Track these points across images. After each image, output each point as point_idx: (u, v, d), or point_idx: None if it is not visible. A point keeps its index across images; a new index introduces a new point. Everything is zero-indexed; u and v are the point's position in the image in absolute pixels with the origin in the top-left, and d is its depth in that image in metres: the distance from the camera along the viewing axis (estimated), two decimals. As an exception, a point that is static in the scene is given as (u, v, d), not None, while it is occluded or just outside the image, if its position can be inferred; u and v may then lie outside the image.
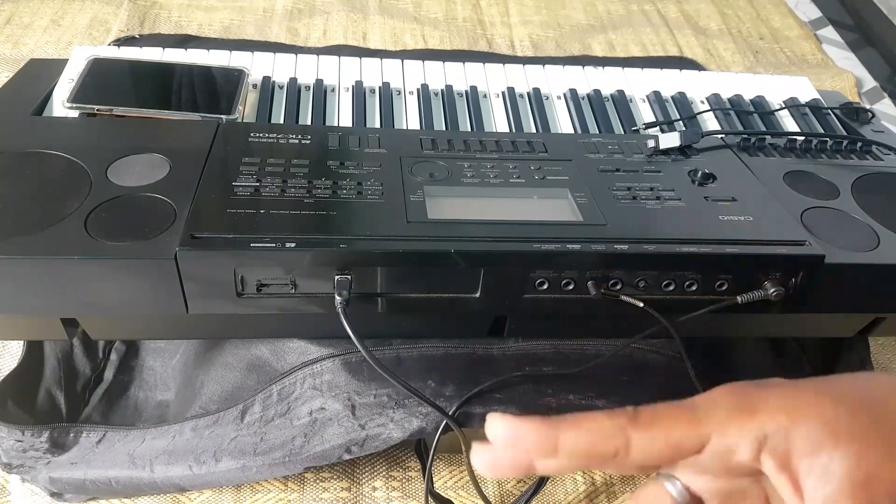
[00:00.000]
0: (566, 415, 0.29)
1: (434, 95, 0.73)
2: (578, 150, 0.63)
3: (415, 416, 0.53)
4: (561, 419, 0.29)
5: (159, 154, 0.56)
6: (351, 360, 0.56)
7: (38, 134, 0.59)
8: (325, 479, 0.63)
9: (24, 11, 1.18)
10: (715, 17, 1.38)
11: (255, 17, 1.24)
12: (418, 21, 1.27)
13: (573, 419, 0.29)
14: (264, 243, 0.48)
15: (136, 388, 0.68)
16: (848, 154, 0.69)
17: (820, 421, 0.27)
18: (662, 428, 0.29)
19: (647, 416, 0.29)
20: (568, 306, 0.53)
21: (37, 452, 0.58)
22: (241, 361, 0.62)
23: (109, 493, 0.59)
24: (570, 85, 0.76)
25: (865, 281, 0.55)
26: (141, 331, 0.60)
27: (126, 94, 0.65)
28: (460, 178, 0.57)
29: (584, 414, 0.29)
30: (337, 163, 0.57)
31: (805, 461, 0.27)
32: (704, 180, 0.59)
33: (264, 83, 0.71)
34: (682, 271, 0.52)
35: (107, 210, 0.50)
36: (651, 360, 0.60)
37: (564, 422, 0.29)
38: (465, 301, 0.52)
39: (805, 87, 0.81)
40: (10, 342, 0.70)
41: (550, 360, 0.58)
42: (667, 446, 0.28)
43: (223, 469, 0.55)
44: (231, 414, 0.59)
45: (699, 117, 0.74)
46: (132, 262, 0.47)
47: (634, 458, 0.29)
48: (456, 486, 0.64)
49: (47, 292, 0.48)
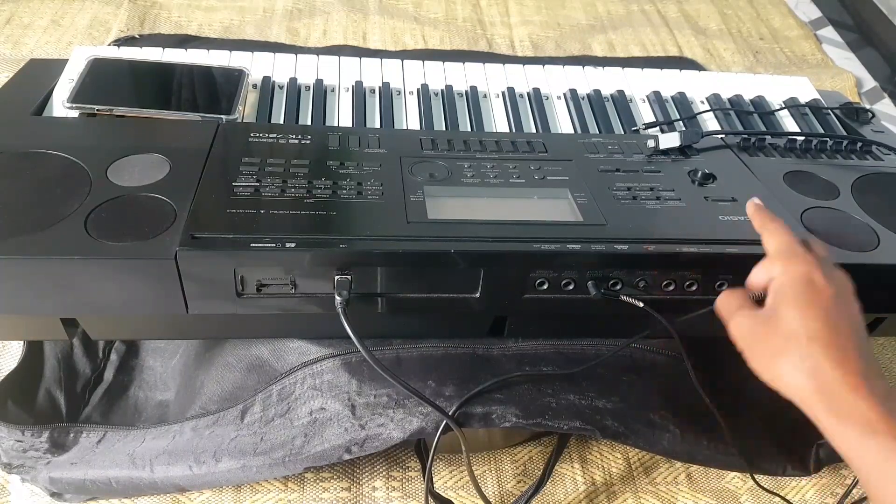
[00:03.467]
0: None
1: (434, 95, 0.73)
2: (578, 150, 0.63)
3: (415, 416, 0.53)
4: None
5: (159, 154, 0.56)
6: (351, 360, 0.56)
7: (38, 134, 0.59)
8: (325, 479, 0.63)
9: (24, 11, 1.18)
10: (715, 17, 1.38)
11: (255, 17, 1.24)
12: (418, 21, 1.27)
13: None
14: (264, 243, 0.48)
15: (136, 388, 0.68)
16: (848, 154, 0.69)
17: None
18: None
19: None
20: (568, 306, 0.53)
21: (37, 452, 0.58)
22: (241, 361, 0.62)
23: (109, 493, 0.59)
24: (570, 85, 0.76)
25: (865, 281, 0.55)
26: (141, 331, 0.60)
27: (126, 94, 0.65)
28: (460, 178, 0.57)
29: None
30: (337, 163, 0.57)
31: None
32: (704, 180, 0.59)
33: (264, 83, 0.71)
34: (682, 271, 0.52)
35: (107, 210, 0.50)
36: (651, 360, 0.60)
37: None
38: (465, 301, 0.52)
39: (805, 87, 0.81)
40: (10, 342, 0.70)
41: (550, 360, 0.58)
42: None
43: (223, 469, 0.55)
44: (231, 414, 0.59)
45: (699, 117, 0.74)
46: (132, 262, 0.47)
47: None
48: (456, 486, 0.64)
49: (47, 292, 0.48)
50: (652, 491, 0.65)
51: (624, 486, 0.65)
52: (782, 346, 0.41)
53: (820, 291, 0.42)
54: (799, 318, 0.41)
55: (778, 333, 0.41)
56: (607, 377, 0.58)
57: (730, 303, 0.46)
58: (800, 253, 0.44)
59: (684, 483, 0.66)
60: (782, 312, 0.42)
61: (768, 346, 0.42)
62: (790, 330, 0.41)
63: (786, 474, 0.62)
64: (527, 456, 0.66)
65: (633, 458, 0.67)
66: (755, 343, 0.43)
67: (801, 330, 0.40)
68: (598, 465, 0.66)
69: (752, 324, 0.43)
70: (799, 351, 0.40)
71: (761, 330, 0.42)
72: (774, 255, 0.45)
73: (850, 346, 0.40)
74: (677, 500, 0.64)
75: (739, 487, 0.66)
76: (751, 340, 0.43)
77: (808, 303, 0.41)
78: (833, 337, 0.40)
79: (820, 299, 0.41)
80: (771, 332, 0.42)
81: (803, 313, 0.41)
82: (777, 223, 0.47)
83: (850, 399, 0.38)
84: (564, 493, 0.64)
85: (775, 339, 0.41)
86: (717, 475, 0.66)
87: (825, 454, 0.62)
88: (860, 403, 0.38)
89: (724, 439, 0.58)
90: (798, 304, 0.41)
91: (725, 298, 0.46)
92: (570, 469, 0.66)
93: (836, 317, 0.41)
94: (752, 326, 0.43)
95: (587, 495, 0.64)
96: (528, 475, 0.65)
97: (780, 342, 0.41)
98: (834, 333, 0.40)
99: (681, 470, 0.66)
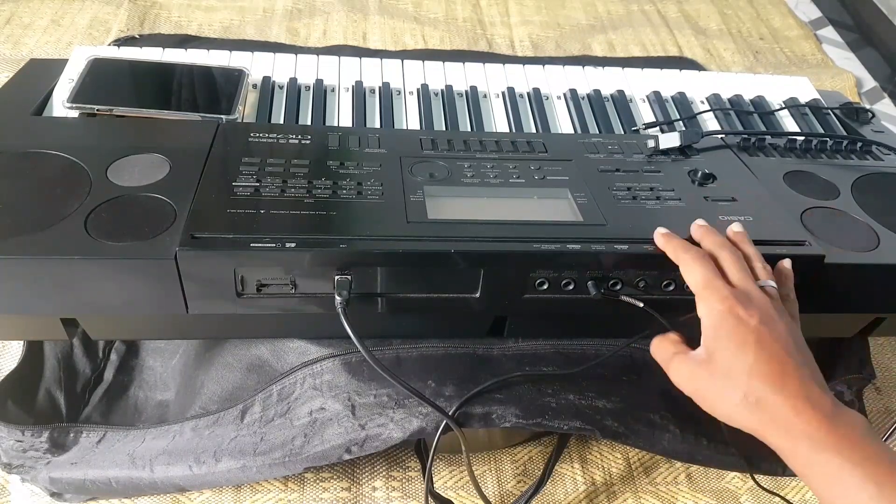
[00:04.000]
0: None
1: (434, 95, 0.73)
2: (578, 150, 0.63)
3: (415, 416, 0.53)
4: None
5: (159, 154, 0.56)
6: (351, 360, 0.56)
7: (38, 134, 0.59)
8: (325, 479, 0.63)
9: (24, 11, 1.18)
10: (715, 17, 1.38)
11: (255, 17, 1.24)
12: (418, 21, 1.27)
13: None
14: (264, 243, 0.48)
15: (136, 388, 0.68)
16: (848, 154, 0.69)
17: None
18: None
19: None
20: (568, 306, 0.53)
21: (37, 452, 0.58)
22: (241, 361, 0.62)
23: (109, 493, 0.59)
24: (570, 85, 0.76)
25: (865, 281, 0.55)
26: (141, 331, 0.60)
27: (126, 94, 0.65)
28: (460, 178, 0.57)
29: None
30: (337, 163, 0.57)
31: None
32: (704, 180, 0.59)
33: (264, 83, 0.71)
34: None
35: (107, 210, 0.50)
36: (651, 360, 0.60)
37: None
38: (465, 301, 0.52)
39: (805, 87, 0.81)
40: (10, 342, 0.70)
41: (550, 360, 0.58)
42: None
43: (223, 469, 0.55)
44: (231, 414, 0.59)
45: (699, 117, 0.74)
46: (132, 262, 0.47)
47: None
48: (456, 486, 0.64)
49: (47, 292, 0.48)
50: (652, 491, 0.65)
51: (624, 486, 0.65)
52: (724, 387, 0.42)
53: (745, 323, 0.43)
54: (732, 357, 0.42)
55: (717, 375, 0.43)
56: (607, 377, 0.58)
57: (664, 349, 0.47)
58: (718, 287, 0.44)
59: (684, 483, 0.66)
60: (717, 355, 0.43)
61: (711, 388, 0.43)
62: (727, 369, 0.42)
63: (786, 474, 0.62)
64: (527, 456, 0.66)
65: (633, 458, 0.67)
66: (698, 387, 0.44)
67: (737, 367, 0.42)
68: (598, 465, 0.66)
69: (691, 368, 0.44)
70: (741, 389, 0.41)
71: (701, 373, 0.43)
72: (696, 291, 0.45)
73: (788, 370, 0.41)
74: (677, 500, 0.64)
75: (739, 487, 0.66)
76: (694, 385, 0.44)
77: (737, 340, 0.42)
78: (768, 366, 0.41)
79: (747, 332, 0.42)
80: (710, 373, 0.43)
81: (735, 351, 0.42)
82: (689, 253, 0.47)
83: (796, 423, 0.40)
84: (564, 493, 0.64)
85: (716, 380, 0.43)
86: (717, 475, 0.66)
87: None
88: (806, 425, 0.40)
89: (724, 439, 0.58)
90: (729, 344, 0.42)
91: (658, 345, 0.48)
92: (570, 469, 0.66)
93: (768, 343, 0.42)
94: (692, 371, 0.44)
95: (587, 495, 0.64)
96: (528, 475, 0.65)
97: (721, 383, 0.42)
98: (768, 362, 0.41)
99: (681, 470, 0.66)
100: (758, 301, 0.44)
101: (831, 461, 0.38)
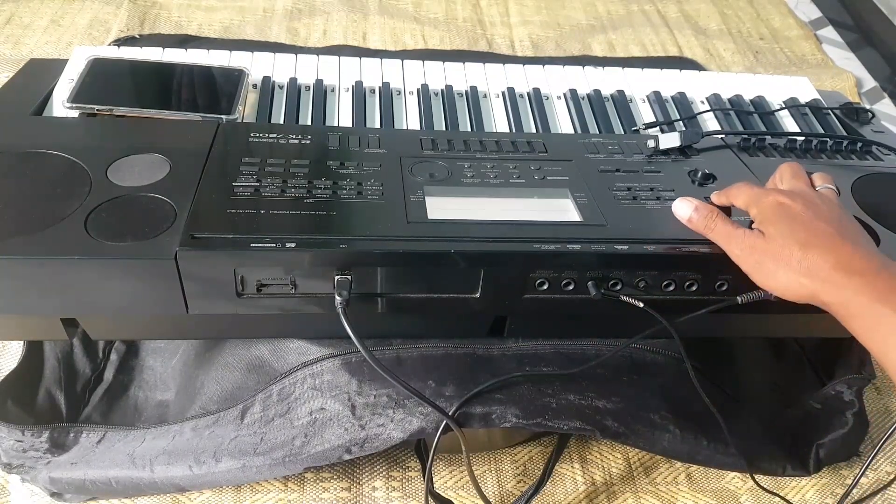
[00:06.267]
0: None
1: (434, 95, 0.73)
2: (578, 150, 0.63)
3: (415, 416, 0.53)
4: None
5: (159, 154, 0.56)
6: (351, 360, 0.56)
7: (38, 134, 0.59)
8: (325, 479, 0.63)
9: (24, 11, 1.18)
10: (715, 17, 1.38)
11: (255, 17, 1.24)
12: (418, 21, 1.27)
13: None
14: (264, 243, 0.48)
15: (136, 388, 0.68)
16: (848, 154, 0.69)
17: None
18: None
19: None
20: (568, 306, 0.53)
21: (37, 452, 0.58)
22: (241, 361, 0.62)
23: (109, 493, 0.59)
24: (570, 85, 0.76)
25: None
26: (141, 331, 0.60)
27: (126, 94, 0.65)
28: (460, 179, 0.57)
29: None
30: (337, 163, 0.57)
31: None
32: (704, 180, 0.60)
33: (264, 83, 0.71)
34: (682, 271, 0.52)
35: (107, 210, 0.50)
36: (651, 360, 0.60)
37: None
38: (465, 301, 0.52)
39: (805, 87, 0.81)
40: (10, 342, 0.70)
41: (550, 360, 0.58)
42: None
43: (223, 469, 0.55)
44: (231, 414, 0.59)
45: (699, 117, 0.74)
46: (132, 262, 0.47)
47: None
48: (456, 486, 0.64)
49: (47, 292, 0.48)
50: (652, 491, 0.65)
51: (624, 486, 0.65)
52: (779, 259, 0.47)
53: (792, 208, 0.48)
54: (785, 233, 0.47)
55: (774, 247, 0.48)
56: (607, 377, 0.58)
57: (720, 226, 0.51)
58: (763, 191, 0.51)
59: (684, 483, 0.66)
60: (771, 231, 0.48)
61: (769, 261, 0.47)
62: (782, 244, 0.47)
63: (786, 474, 0.62)
64: (527, 456, 0.66)
65: (633, 458, 0.67)
66: (758, 258, 0.48)
67: (790, 240, 0.47)
68: (598, 465, 0.66)
69: (752, 242, 0.49)
70: (795, 257, 0.46)
71: (761, 245, 0.48)
72: (748, 200, 0.51)
73: (836, 240, 0.46)
74: (677, 500, 0.64)
75: (739, 487, 0.66)
76: (754, 258, 0.48)
77: (788, 219, 0.48)
78: (817, 238, 0.46)
79: (795, 213, 0.48)
80: (767, 246, 0.48)
81: (788, 228, 0.47)
82: (734, 186, 0.53)
83: (847, 283, 0.44)
84: (564, 493, 0.64)
85: (773, 253, 0.47)
86: (717, 475, 0.66)
87: (825, 454, 0.62)
88: (857, 280, 0.44)
89: (724, 439, 0.58)
90: (781, 223, 0.48)
91: (706, 216, 0.52)
92: (570, 469, 0.66)
93: (815, 220, 0.47)
94: (754, 244, 0.48)
95: (587, 495, 0.64)
96: (528, 475, 0.65)
97: (777, 255, 0.47)
98: (816, 235, 0.47)
99: (681, 470, 0.66)
100: (800, 191, 0.51)
101: (884, 313, 0.42)
